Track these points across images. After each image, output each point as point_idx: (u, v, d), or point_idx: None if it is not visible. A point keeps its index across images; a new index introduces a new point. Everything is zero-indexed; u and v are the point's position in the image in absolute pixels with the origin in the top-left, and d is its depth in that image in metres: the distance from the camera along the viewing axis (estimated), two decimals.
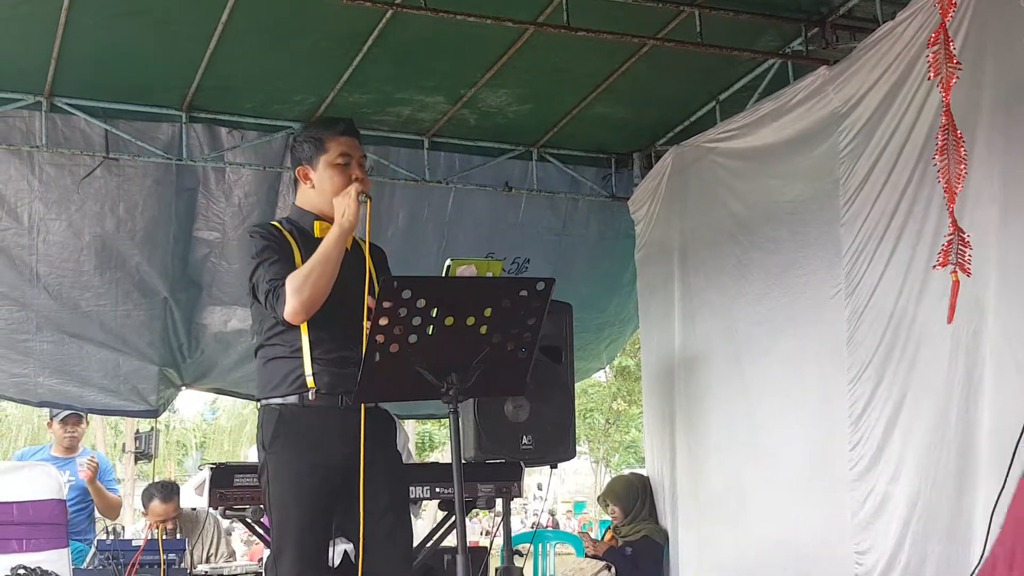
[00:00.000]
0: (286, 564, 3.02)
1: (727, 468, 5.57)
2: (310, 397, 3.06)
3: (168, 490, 5.73)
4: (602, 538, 6.28)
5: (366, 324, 2.82)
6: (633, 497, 6.11)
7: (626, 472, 6.68)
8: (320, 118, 3.38)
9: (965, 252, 3.43)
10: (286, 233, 3.20)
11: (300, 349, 3.09)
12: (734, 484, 5.49)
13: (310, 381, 3.06)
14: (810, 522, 4.93)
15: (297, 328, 3.09)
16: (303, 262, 3.10)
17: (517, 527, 6.63)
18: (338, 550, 3.72)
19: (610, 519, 6.44)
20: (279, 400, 3.11)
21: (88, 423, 6.28)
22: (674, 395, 6.05)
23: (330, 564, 3.47)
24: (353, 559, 3.98)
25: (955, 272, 3.54)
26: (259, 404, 3.17)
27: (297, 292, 3.01)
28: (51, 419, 6.06)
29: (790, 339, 5.17)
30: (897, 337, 4.46)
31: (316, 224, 3.21)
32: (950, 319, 3.52)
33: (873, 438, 4.55)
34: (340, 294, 3.02)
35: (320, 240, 3.13)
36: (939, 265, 3.54)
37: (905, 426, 4.40)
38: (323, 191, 3.21)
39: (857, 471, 4.61)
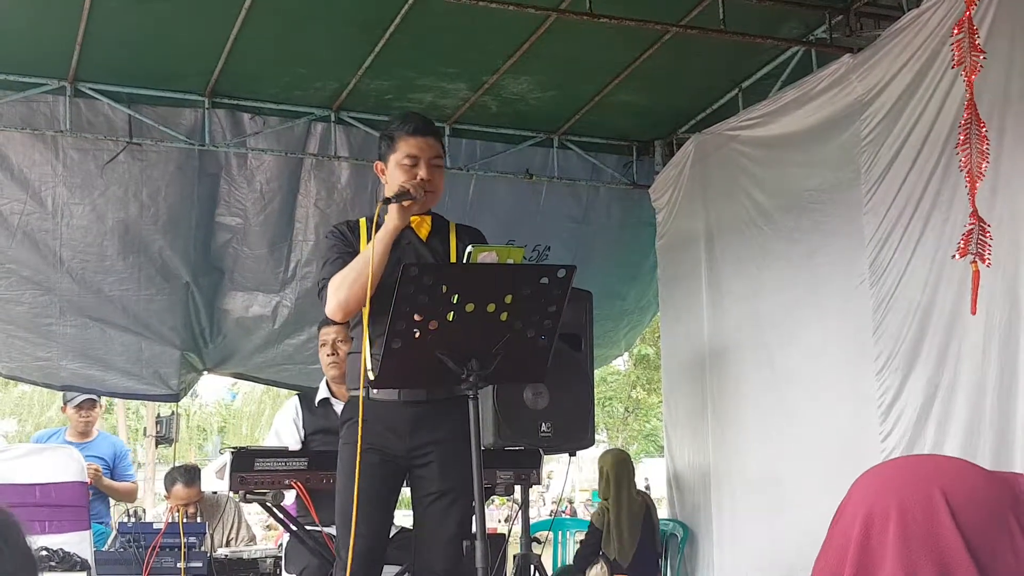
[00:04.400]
0: (344, 543, 3.08)
1: (761, 457, 5.55)
2: (373, 392, 3.11)
3: (191, 474, 5.77)
4: None
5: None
6: (600, 482, 6.00)
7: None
8: (401, 113, 3.45)
9: (985, 243, 3.41)
10: (363, 228, 3.26)
11: (363, 345, 3.14)
12: (769, 474, 5.47)
13: (372, 375, 3.11)
14: None
15: (360, 325, 3.15)
16: None
17: (534, 515, 6.61)
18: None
19: None
20: (353, 392, 3.21)
21: (102, 407, 6.30)
22: (704, 383, 6.03)
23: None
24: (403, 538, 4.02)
25: (975, 262, 3.51)
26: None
27: (335, 292, 3.10)
28: (65, 404, 6.08)
29: (816, 328, 5.14)
30: (925, 327, 4.43)
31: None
32: (973, 310, 3.49)
33: (905, 429, 4.51)
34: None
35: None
36: (959, 256, 3.51)
37: (939, 417, 4.37)
38: (391, 188, 3.25)
39: None
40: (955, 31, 3.41)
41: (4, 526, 1.07)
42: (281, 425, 4.99)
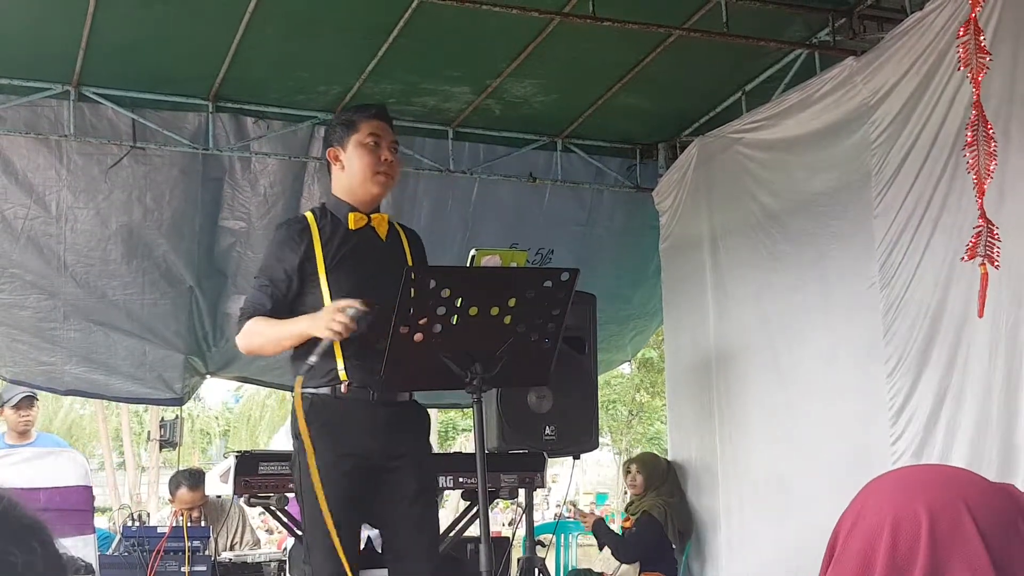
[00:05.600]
0: (318, 552, 3.05)
1: (770, 460, 5.52)
2: (342, 390, 3.08)
3: (196, 478, 5.77)
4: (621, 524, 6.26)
5: None
6: (660, 472, 6.05)
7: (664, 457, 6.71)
8: (354, 104, 3.43)
9: (994, 245, 3.40)
10: (314, 227, 3.20)
11: (332, 344, 3.11)
12: (776, 476, 5.45)
13: (343, 374, 3.08)
14: None
15: None
16: (324, 259, 3.13)
17: (537, 519, 6.64)
18: (362, 536, 3.74)
19: (629, 492, 6.42)
20: (311, 389, 3.13)
21: (39, 406, 6.14)
22: (711, 386, 6.01)
23: (376, 550, 3.50)
24: (377, 546, 4.01)
25: (983, 265, 3.50)
26: (293, 393, 3.22)
27: (248, 339, 3.14)
28: (2, 405, 5.95)
29: (825, 331, 5.12)
30: (936, 330, 4.41)
31: (351, 216, 3.22)
32: (980, 312, 3.48)
33: (915, 432, 4.49)
34: (372, 289, 3.03)
35: (353, 232, 3.18)
36: (967, 258, 3.50)
37: (947, 420, 4.35)
38: (352, 172, 3.23)
39: (899, 466, 4.57)
40: (960, 32, 3.40)
41: (36, 530, 1.08)
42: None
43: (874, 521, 1.27)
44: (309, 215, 3.28)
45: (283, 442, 4.85)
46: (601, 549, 5.99)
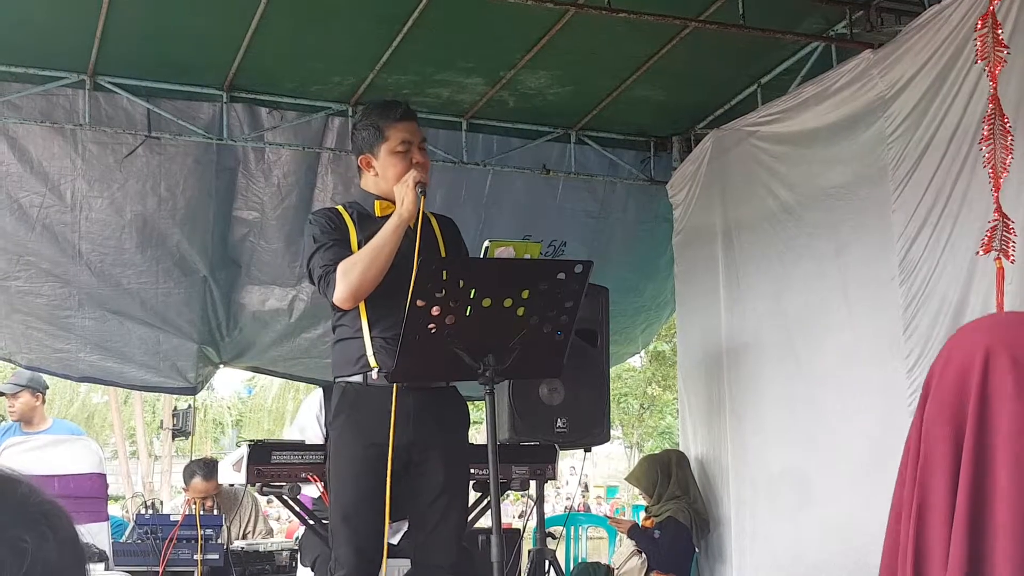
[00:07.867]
0: (341, 539, 3.06)
1: (785, 454, 5.48)
2: (373, 377, 3.09)
3: (209, 467, 5.79)
4: (640, 524, 6.25)
5: None
6: (653, 478, 5.98)
7: (657, 452, 6.62)
8: (376, 102, 3.39)
9: (1009, 239, 3.38)
10: (346, 216, 3.24)
11: (361, 330, 3.12)
12: (793, 472, 5.41)
13: (372, 361, 3.10)
14: (872, 512, 4.80)
15: (357, 309, 3.12)
16: (359, 245, 3.15)
17: (548, 512, 6.63)
18: (397, 527, 3.74)
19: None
20: (346, 379, 3.16)
21: (27, 395, 6.00)
22: (722, 380, 5.99)
23: (389, 542, 3.49)
24: (388, 536, 4.02)
25: (999, 259, 3.49)
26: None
27: (345, 276, 3.06)
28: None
29: (845, 326, 5.09)
30: (958, 325, 4.35)
31: (377, 204, 3.25)
32: (999, 307, 3.46)
33: None
34: (400, 274, 3.03)
35: (381, 220, 3.18)
36: (982, 252, 3.49)
37: None
38: (386, 178, 3.24)
39: None
40: (979, 25, 3.39)
41: (51, 515, 1.08)
42: (305, 422, 5.00)
43: (968, 353, 1.41)
44: (339, 207, 3.32)
45: (294, 433, 4.86)
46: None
